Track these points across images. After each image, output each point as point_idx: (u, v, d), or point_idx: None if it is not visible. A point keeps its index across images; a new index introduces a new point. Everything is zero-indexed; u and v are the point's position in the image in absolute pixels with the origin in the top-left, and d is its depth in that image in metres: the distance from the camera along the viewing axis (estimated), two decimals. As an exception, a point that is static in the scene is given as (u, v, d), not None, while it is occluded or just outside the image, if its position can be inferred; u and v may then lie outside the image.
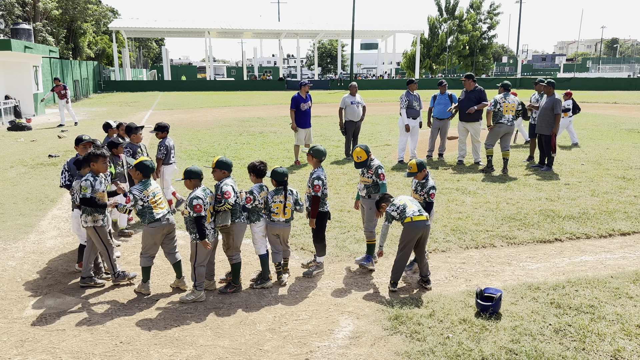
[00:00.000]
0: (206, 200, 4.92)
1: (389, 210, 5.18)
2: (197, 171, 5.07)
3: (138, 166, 5.17)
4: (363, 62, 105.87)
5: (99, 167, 5.26)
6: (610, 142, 14.36)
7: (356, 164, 5.72)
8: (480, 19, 63.99)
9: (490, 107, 10.48)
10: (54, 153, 13.20)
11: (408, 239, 5.10)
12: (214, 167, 5.17)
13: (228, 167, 5.19)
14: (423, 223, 5.09)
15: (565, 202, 8.23)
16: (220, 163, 5.19)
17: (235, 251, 5.20)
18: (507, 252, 6.28)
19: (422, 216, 5.10)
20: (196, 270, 5.03)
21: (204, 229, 4.88)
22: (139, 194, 5.09)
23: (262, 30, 56.33)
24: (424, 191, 5.49)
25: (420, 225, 5.07)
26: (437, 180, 9.84)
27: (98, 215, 5.19)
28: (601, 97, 34.22)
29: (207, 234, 4.93)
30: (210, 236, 5.00)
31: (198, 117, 22.97)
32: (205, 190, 5.01)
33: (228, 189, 5.03)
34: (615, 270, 5.63)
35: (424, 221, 5.09)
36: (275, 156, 12.65)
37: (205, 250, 4.98)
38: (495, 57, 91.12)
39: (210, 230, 5.00)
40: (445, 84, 11.95)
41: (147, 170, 5.19)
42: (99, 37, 59.34)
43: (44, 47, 25.77)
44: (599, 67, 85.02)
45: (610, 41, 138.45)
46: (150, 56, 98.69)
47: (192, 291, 5.10)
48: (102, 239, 5.26)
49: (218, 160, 5.20)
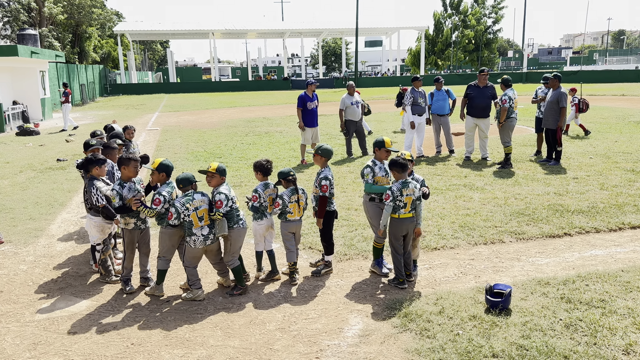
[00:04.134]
0: (181, 201, 4.91)
1: (392, 190, 5.11)
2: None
3: (160, 168, 5.13)
4: (368, 59, 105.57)
5: (129, 172, 5.24)
6: (619, 135, 14.24)
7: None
8: (485, 13, 63.65)
9: (507, 103, 10.43)
10: (62, 157, 13.30)
11: (393, 234, 5.17)
12: (214, 173, 5.05)
13: (223, 172, 5.12)
14: (410, 220, 5.15)
15: (574, 197, 8.18)
16: (220, 169, 5.09)
17: (232, 257, 5.15)
18: (516, 247, 6.25)
19: (410, 214, 5.14)
20: (187, 270, 5.07)
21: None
22: (168, 195, 5.07)
23: (266, 30, 56.42)
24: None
25: (406, 222, 5.14)
26: (445, 177, 9.82)
27: (129, 218, 5.23)
28: (609, 89, 33.93)
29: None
30: (198, 242, 4.98)
31: (204, 118, 23.05)
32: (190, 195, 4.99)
33: (221, 197, 4.98)
34: (626, 264, 5.58)
35: (410, 218, 5.15)
36: (281, 156, 12.66)
37: (192, 251, 4.99)
38: (501, 52, 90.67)
39: (200, 237, 4.98)
40: (442, 81, 11.95)
41: (171, 171, 5.21)
42: (104, 41, 59.66)
43: (50, 52, 25.96)
44: (606, 59, 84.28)
45: (617, 33, 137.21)
46: (155, 58, 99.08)
47: (190, 290, 5.13)
48: (126, 242, 5.32)
49: (219, 166, 5.11)
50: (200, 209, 4.98)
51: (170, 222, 4.91)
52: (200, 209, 4.97)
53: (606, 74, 46.50)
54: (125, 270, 5.37)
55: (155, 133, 18.07)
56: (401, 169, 5.13)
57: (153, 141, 15.96)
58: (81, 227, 7.48)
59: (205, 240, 5.02)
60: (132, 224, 5.25)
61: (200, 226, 4.97)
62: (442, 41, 61.52)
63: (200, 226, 4.98)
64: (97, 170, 5.52)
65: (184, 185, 5.02)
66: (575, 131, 14.87)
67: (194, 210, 4.94)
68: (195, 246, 5.00)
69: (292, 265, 5.46)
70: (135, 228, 5.26)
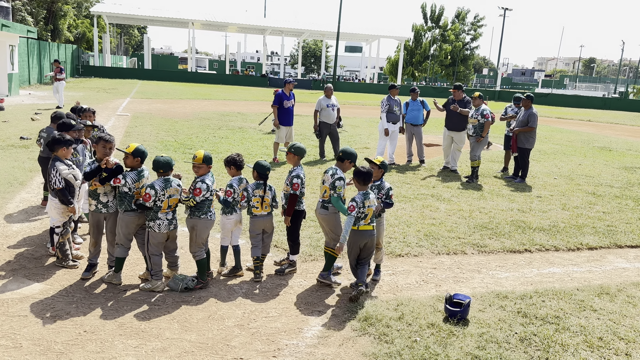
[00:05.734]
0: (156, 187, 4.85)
1: (356, 201, 5.03)
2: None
3: (136, 152, 5.02)
4: (347, 64, 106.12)
5: (99, 153, 5.16)
6: (583, 159, 14.70)
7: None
8: (464, 29, 64.79)
9: (489, 118, 10.57)
10: (26, 135, 12.86)
11: (352, 245, 5.10)
12: (200, 163, 5.02)
13: (210, 161, 5.11)
14: (369, 232, 5.09)
15: (536, 214, 8.39)
16: (207, 158, 5.07)
17: (198, 247, 5.09)
18: (477, 259, 6.36)
19: (370, 226, 5.09)
20: (151, 259, 4.98)
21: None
22: (131, 182, 4.98)
23: (247, 25, 55.94)
24: (382, 193, 5.40)
25: (365, 234, 5.08)
26: (414, 186, 9.93)
27: (91, 199, 5.14)
28: (576, 114, 35.01)
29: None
30: (163, 227, 4.92)
31: (177, 108, 22.68)
32: (167, 181, 4.93)
33: (202, 187, 4.95)
34: (581, 283, 5.75)
35: (370, 231, 5.10)
36: (253, 152, 12.57)
37: (156, 236, 4.92)
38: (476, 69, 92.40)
39: (165, 221, 4.92)
40: (417, 91, 12.12)
41: (145, 157, 5.11)
42: (80, 21, 58.02)
43: (22, 27, 25.11)
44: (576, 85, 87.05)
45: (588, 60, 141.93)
46: (131, 43, 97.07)
47: (149, 280, 5.04)
48: (90, 224, 5.27)
49: (205, 155, 5.05)
50: (173, 197, 4.94)
51: (147, 204, 4.81)
52: (172, 197, 4.93)
53: (575, 98, 47.98)
54: (89, 253, 5.25)
55: (125, 119, 17.67)
56: (365, 180, 5.04)
57: (122, 127, 15.60)
58: (40, 208, 7.24)
59: (169, 224, 4.97)
60: (94, 206, 5.11)
61: (166, 211, 4.92)
62: (420, 53, 62.26)
63: (167, 211, 4.93)
64: (63, 151, 5.36)
65: (165, 170, 4.94)
66: (540, 152, 15.26)
67: (167, 198, 4.88)
68: (159, 230, 4.92)
69: (256, 260, 5.42)
70: (96, 210, 5.12)
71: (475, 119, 10.69)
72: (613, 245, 7.13)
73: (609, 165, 13.69)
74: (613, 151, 16.76)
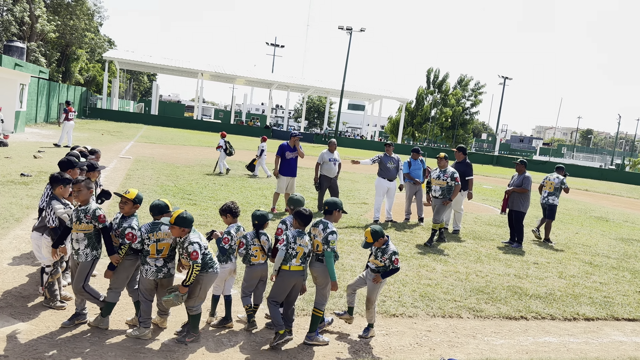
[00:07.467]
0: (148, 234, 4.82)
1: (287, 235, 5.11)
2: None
3: (138, 199, 5.02)
4: (349, 121, 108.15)
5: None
6: (580, 227, 14.71)
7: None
8: (465, 95, 66.50)
9: (459, 181, 10.25)
10: (27, 172, 12.92)
11: (281, 285, 5.07)
12: (173, 224, 4.72)
13: (189, 224, 4.78)
14: (299, 273, 5.09)
15: (533, 281, 8.31)
16: (181, 219, 4.71)
17: (199, 301, 4.94)
18: (473, 324, 6.24)
19: (300, 267, 5.08)
20: (141, 306, 4.87)
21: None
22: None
23: (255, 79, 57.45)
24: (385, 257, 5.39)
25: (295, 275, 5.07)
26: (411, 245, 9.88)
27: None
28: (574, 183, 35.31)
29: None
30: (150, 273, 4.85)
31: (180, 153, 22.90)
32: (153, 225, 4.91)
33: (195, 248, 4.70)
34: (578, 355, 5.62)
35: (300, 271, 5.10)
36: (252, 201, 12.59)
37: (143, 282, 4.85)
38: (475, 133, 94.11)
39: (153, 268, 4.85)
40: (421, 153, 12.43)
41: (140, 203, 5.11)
42: (91, 65, 59.64)
43: (35, 67, 25.78)
44: (573, 154, 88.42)
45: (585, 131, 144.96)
46: (140, 89, 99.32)
47: (137, 327, 4.91)
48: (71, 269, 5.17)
49: (178, 215, 4.72)
50: (161, 241, 4.86)
51: (133, 245, 4.76)
52: (161, 242, 4.86)
53: (572, 168, 48.51)
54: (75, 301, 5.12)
55: (127, 162, 17.81)
56: (304, 222, 5.24)
57: (123, 169, 15.70)
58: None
59: (157, 272, 4.87)
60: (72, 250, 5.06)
61: (155, 257, 4.84)
62: (421, 115, 63.65)
63: (156, 257, 4.84)
64: (61, 190, 5.37)
65: (154, 214, 4.92)
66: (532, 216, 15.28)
67: (155, 242, 4.82)
68: (146, 276, 4.85)
69: (248, 309, 5.32)
70: (72, 254, 5.06)
71: (444, 181, 10.22)
72: (610, 317, 7.02)
73: (605, 236, 13.68)
74: (610, 222, 16.80)
